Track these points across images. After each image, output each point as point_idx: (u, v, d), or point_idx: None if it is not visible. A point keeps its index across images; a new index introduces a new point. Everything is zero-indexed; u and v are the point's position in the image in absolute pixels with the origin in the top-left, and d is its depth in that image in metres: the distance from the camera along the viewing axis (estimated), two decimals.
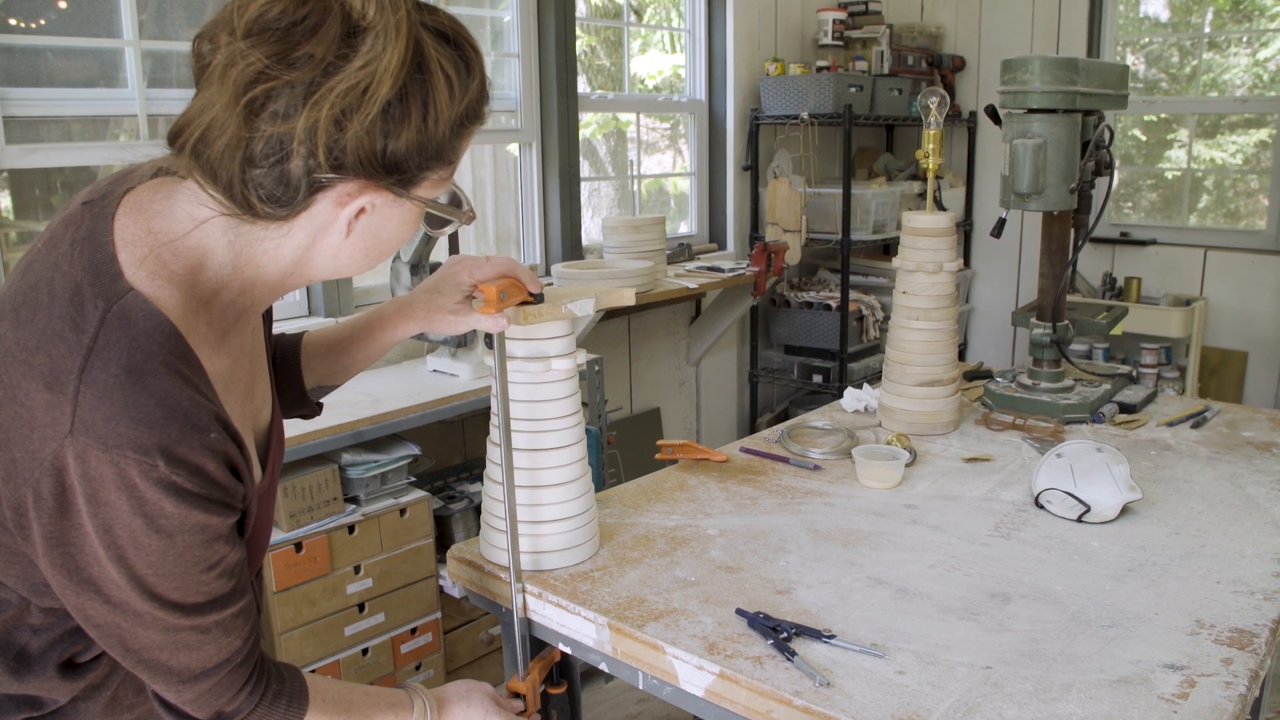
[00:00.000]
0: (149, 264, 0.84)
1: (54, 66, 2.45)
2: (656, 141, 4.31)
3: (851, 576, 1.43)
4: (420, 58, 0.82)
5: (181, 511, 0.81)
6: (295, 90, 0.78)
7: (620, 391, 3.94)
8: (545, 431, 1.38)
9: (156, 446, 0.78)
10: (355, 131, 0.80)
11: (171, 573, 0.83)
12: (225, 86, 0.79)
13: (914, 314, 2.02)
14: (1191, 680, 1.17)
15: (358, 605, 2.47)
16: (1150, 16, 4.53)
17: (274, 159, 0.80)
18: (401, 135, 0.82)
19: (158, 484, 0.79)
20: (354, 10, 0.80)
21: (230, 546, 0.88)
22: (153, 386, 0.79)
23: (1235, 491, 1.76)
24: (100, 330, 0.80)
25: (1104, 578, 1.43)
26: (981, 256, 4.85)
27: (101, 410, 0.78)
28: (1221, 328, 4.28)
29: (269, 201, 0.82)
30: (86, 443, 0.77)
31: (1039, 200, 2.04)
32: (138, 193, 0.89)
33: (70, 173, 2.54)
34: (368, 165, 0.82)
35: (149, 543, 0.81)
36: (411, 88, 0.82)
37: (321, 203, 0.85)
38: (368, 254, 0.92)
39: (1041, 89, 1.97)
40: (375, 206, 0.87)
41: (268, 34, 0.79)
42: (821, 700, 1.12)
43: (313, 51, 0.78)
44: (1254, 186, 4.34)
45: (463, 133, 0.88)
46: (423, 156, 0.85)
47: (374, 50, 0.79)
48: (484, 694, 1.24)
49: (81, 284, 0.82)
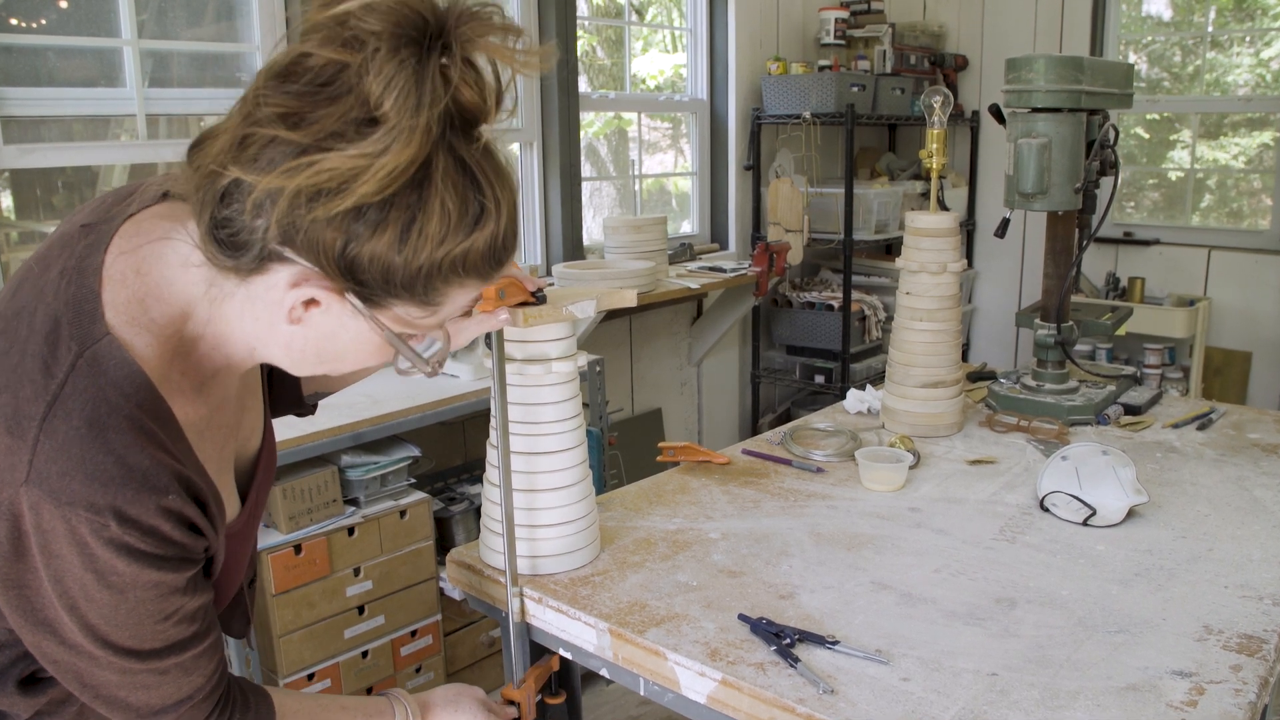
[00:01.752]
0: (131, 309, 0.81)
1: (54, 66, 2.43)
2: (658, 141, 4.30)
3: (855, 581, 1.41)
4: (424, 176, 0.75)
5: (134, 570, 0.79)
6: (283, 149, 0.74)
7: (621, 392, 3.92)
8: (545, 435, 1.36)
9: (109, 507, 0.76)
10: (318, 216, 0.74)
11: (125, 624, 0.81)
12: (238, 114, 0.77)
13: (917, 315, 2.01)
14: (1200, 687, 1.15)
15: (357, 608, 2.46)
16: (1153, 15, 4.51)
17: (240, 208, 0.76)
18: (368, 244, 0.76)
19: (108, 543, 0.77)
20: (372, 95, 0.73)
21: (188, 596, 0.85)
22: (112, 443, 0.77)
23: (1242, 494, 1.74)
24: (69, 377, 0.77)
25: (1110, 582, 1.42)
26: (984, 256, 4.83)
27: (58, 464, 0.76)
28: (1225, 328, 4.27)
29: (225, 245, 0.78)
30: (40, 495, 0.76)
31: (1044, 200, 2.03)
32: (137, 221, 0.85)
33: (71, 173, 2.53)
34: (323, 257, 0.76)
35: (100, 597, 0.79)
36: (399, 202, 0.75)
37: (277, 274, 0.79)
38: (320, 357, 0.86)
39: (1046, 88, 1.96)
40: (329, 307, 0.80)
41: (290, 83, 0.75)
42: (825, 708, 1.10)
43: (320, 120, 0.74)
44: (1256, 186, 4.32)
45: (451, 280, 0.80)
46: (387, 280, 0.78)
47: (376, 145, 0.73)
48: (473, 699, 1.22)
49: (60, 320, 0.80)
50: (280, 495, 2.27)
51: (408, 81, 0.73)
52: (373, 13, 0.74)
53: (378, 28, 0.73)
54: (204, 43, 2.67)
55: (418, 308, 0.82)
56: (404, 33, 0.74)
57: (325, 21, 0.75)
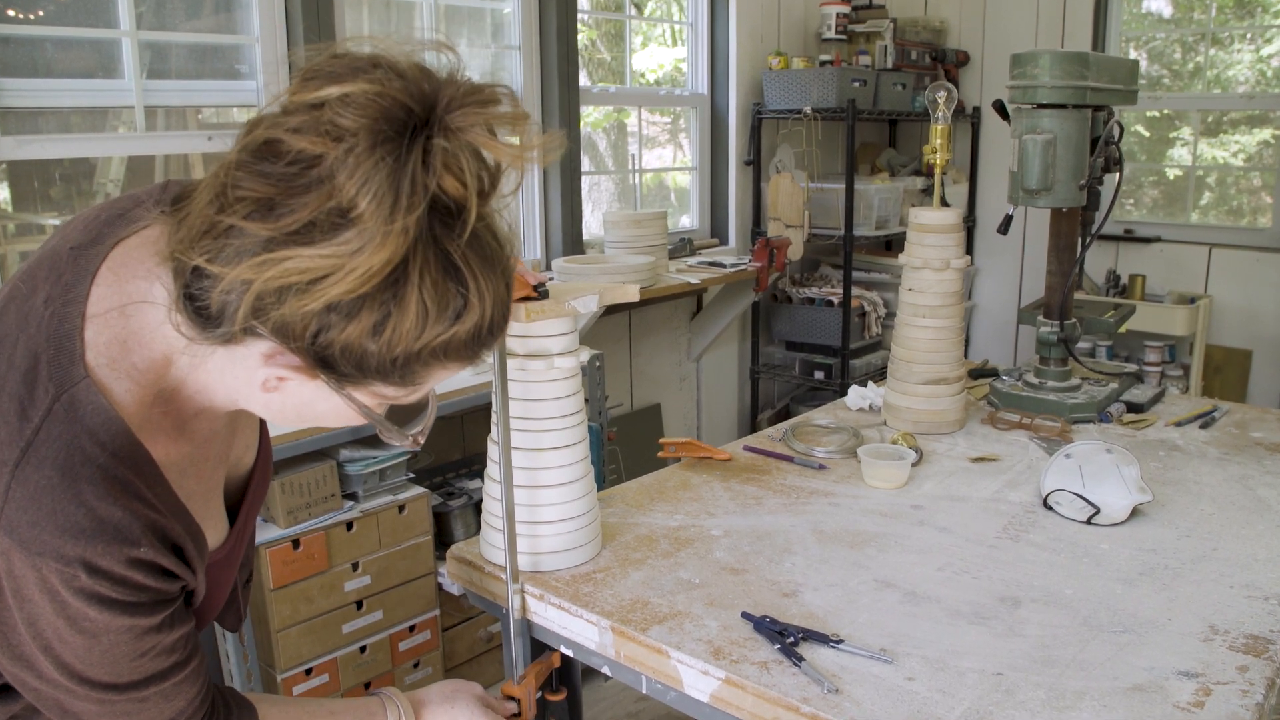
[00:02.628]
0: (112, 350, 0.80)
1: (51, 57, 2.41)
2: (656, 136, 4.28)
3: (858, 579, 1.40)
4: (400, 275, 0.71)
5: (105, 617, 0.78)
6: (252, 239, 0.70)
7: (621, 387, 3.91)
8: (547, 431, 1.35)
9: (79, 559, 0.75)
10: (289, 311, 0.71)
11: (100, 663, 0.81)
12: (210, 187, 0.73)
13: (920, 311, 2.00)
14: (1207, 688, 1.14)
15: (355, 603, 2.45)
16: (1153, 12, 4.50)
17: (211, 285, 0.73)
18: (340, 334, 0.73)
19: (78, 593, 0.76)
20: (345, 194, 0.69)
21: (164, 633, 0.84)
22: (84, 494, 0.75)
23: (1246, 494, 1.73)
24: (44, 422, 0.76)
25: (1115, 581, 1.41)
26: (984, 252, 4.82)
27: (28, 514, 0.74)
28: (1226, 326, 4.26)
29: (196, 316, 0.76)
30: (10, 544, 0.75)
31: (1048, 196, 2.01)
32: (127, 249, 0.83)
33: (69, 164, 2.51)
34: (293, 343, 0.74)
35: (74, 640, 0.79)
36: (374, 298, 0.71)
37: (251, 346, 0.77)
38: (301, 418, 0.85)
39: (1051, 84, 1.95)
40: (303, 381, 0.78)
41: (263, 166, 0.71)
42: (830, 707, 1.09)
43: (293, 209, 0.69)
44: (1257, 184, 4.31)
45: (431, 364, 0.77)
46: (361, 367, 0.75)
47: (348, 245, 0.69)
48: (470, 695, 1.20)
49: (40, 358, 0.78)
50: (279, 489, 2.26)
51: (383, 184, 0.69)
52: (350, 106, 0.70)
53: (354, 124, 0.69)
54: (203, 34, 2.65)
55: (395, 388, 0.80)
56: (382, 129, 0.70)
57: (303, 106, 0.71)
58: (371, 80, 0.71)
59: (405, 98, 0.71)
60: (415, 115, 0.71)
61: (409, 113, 0.71)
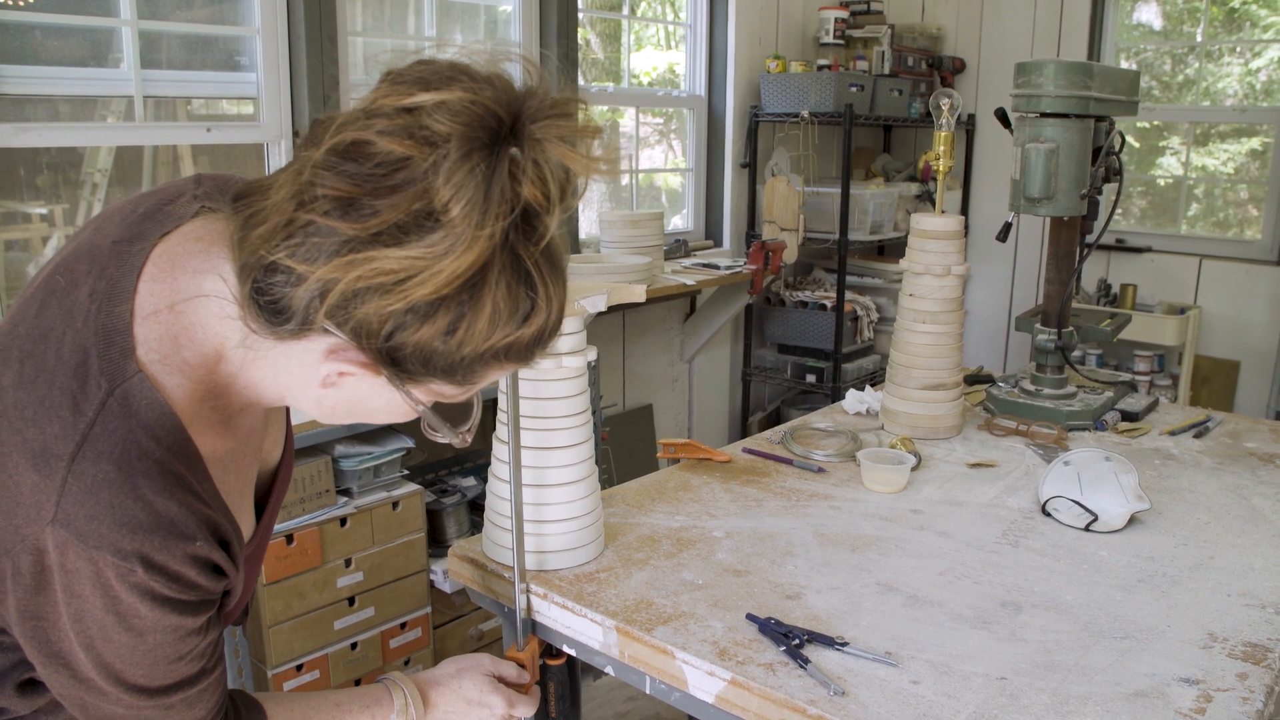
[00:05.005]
0: (164, 346, 0.79)
1: (44, 44, 2.40)
2: (648, 136, 4.28)
3: (861, 582, 1.41)
4: (479, 279, 0.72)
5: (156, 615, 0.79)
6: (335, 238, 0.71)
7: (613, 388, 3.91)
8: (554, 430, 1.35)
9: (136, 553, 0.75)
10: (369, 311, 0.73)
11: (140, 663, 0.81)
12: (289, 185, 0.73)
13: (920, 317, 2.00)
14: (1208, 695, 1.15)
15: (348, 599, 2.44)
16: (1144, 24, 4.53)
17: (285, 281, 0.74)
18: (414, 334, 0.74)
19: (134, 588, 0.76)
20: (438, 198, 0.70)
21: (202, 636, 0.85)
22: (141, 489, 0.75)
23: (1241, 503, 1.75)
24: (99, 416, 0.76)
25: (1114, 588, 1.42)
26: (976, 260, 4.84)
27: (85, 507, 0.74)
28: (1215, 336, 4.29)
29: (264, 310, 0.76)
30: (66, 537, 0.74)
31: (1050, 205, 2.03)
32: (172, 245, 0.82)
33: (56, 153, 2.49)
34: (366, 341, 0.75)
35: (119, 638, 0.79)
36: (451, 299, 0.73)
37: (314, 342, 0.78)
38: (351, 414, 0.85)
39: (1055, 93, 1.96)
40: (363, 377, 0.79)
41: (348, 166, 0.71)
42: (836, 710, 1.10)
43: (378, 209, 0.70)
44: (1244, 197, 4.35)
45: (490, 365, 0.79)
46: (427, 364, 0.76)
47: (436, 248, 0.70)
48: (479, 670, 1.19)
49: (90, 352, 0.78)
50: None
51: (476, 191, 0.70)
52: (446, 111, 0.71)
53: (450, 130, 0.70)
54: (203, 25, 2.64)
55: (453, 387, 0.81)
56: (475, 135, 0.71)
57: (395, 110, 0.71)
58: (465, 88, 0.71)
59: (496, 106, 0.72)
60: (504, 124, 0.72)
61: (499, 121, 0.72)
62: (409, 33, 3.26)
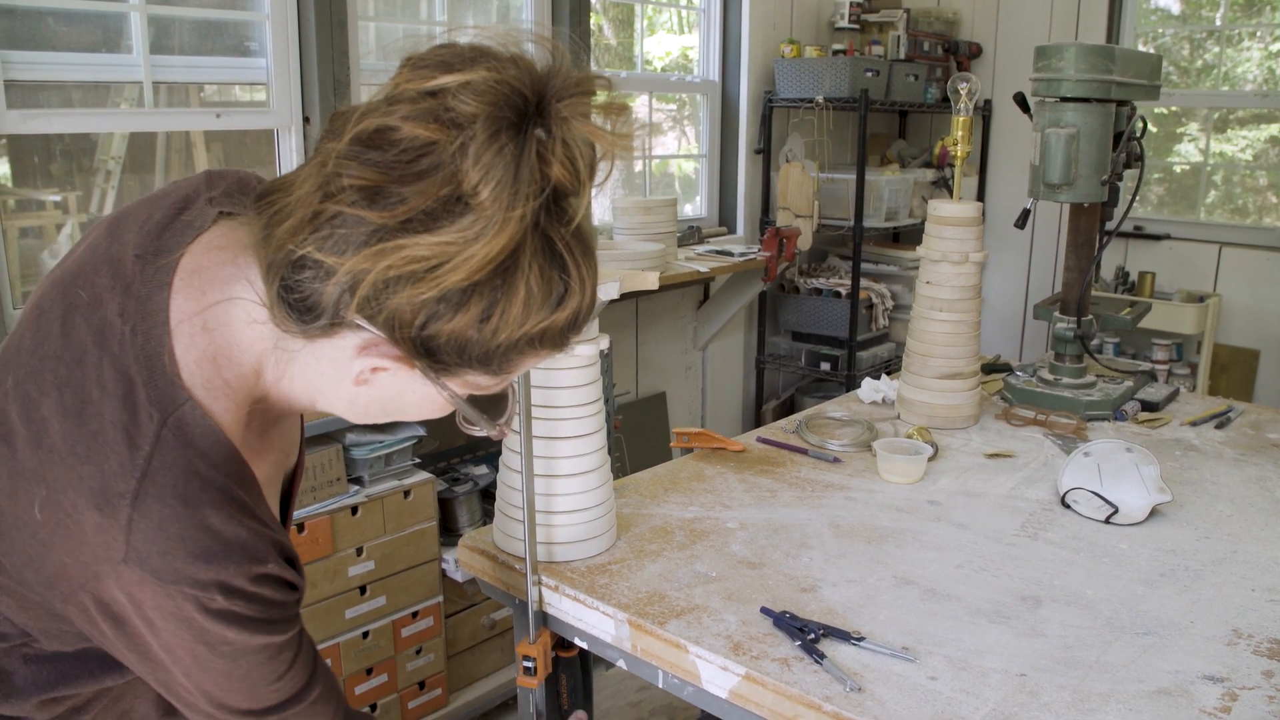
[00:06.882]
0: (205, 370, 0.78)
1: (56, 31, 2.38)
2: (661, 123, 4.24)
3: (877, 575, 1.39)
4: (512, 263, 0.71)
5: (243, 637, 0.79)
6: (363, 228, 0.69)
7: (626, 375, 3.89)
8: (566, 419, 1.33)
9: (214, 582, 0.75)
10: (401, 301, 0.71)
11: (239, 689, 0.82)
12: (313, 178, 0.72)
13: (937, 305, 1.98)
14: (1233, 693, 1.13)
15: (359, 588, 2.43)
16: (1162, 8, 4.46)
17: (314, 275, 0.72)
18: (448, 324, 0.72)
19: (217, 616, 0.76)
20: (466, 181, 0.68)
21: (295, 648, 0.85)
22: (209, 519, 0.75)
23: (1264, 495, 1.72)
24: (155, 449, 0.75)
25: (1136, 582, 1.39)
26: (992, 247, 4.79)
27: (157, 544, 0.74)
28: (1234, 325, 4.24)
29: (293, 308, 0.75)
30: (141, 575, 0.74)
31: (1070, 191, 1.99)
32: (196, 258, 0.80)
33: (70, 140, 2.48)
34: (399, 332, 0.74)
35: (215, 665, 0.79)
36: (484, 285, 0.71)
37: (345, 339, 0.77)
38: (384, 412, 0.85)
39: (1076, 77, 1.92)
40: (396, 372, 0.78)
41: (372, 154, 0.69)
42: (853, 706, 1.08)
43: (406, 196, 0.69)
44: (1263, 184, 4.29)
45: (525, 352, 0.77)
46: (462, 354, 0.75)
47: (466, 232, 0.68)
48: None
49: (135, 381, 0.76)
50: None
51: (505, 171, 0.69)
52: (471, 91, 0.69)
53: (476, 110, 0.69)
54: (213, 10, 2.62)
55: (488, 377, 0.79)
56: (503, 115, 0.69)
57: (417, 95, 0.70)
58: (489, 68, 0.70)
59: (521, 85, 0.70)
60: (529, 103, 0.71)
61: (525, 100, 0.70)
62: (420, 18, 3.23)
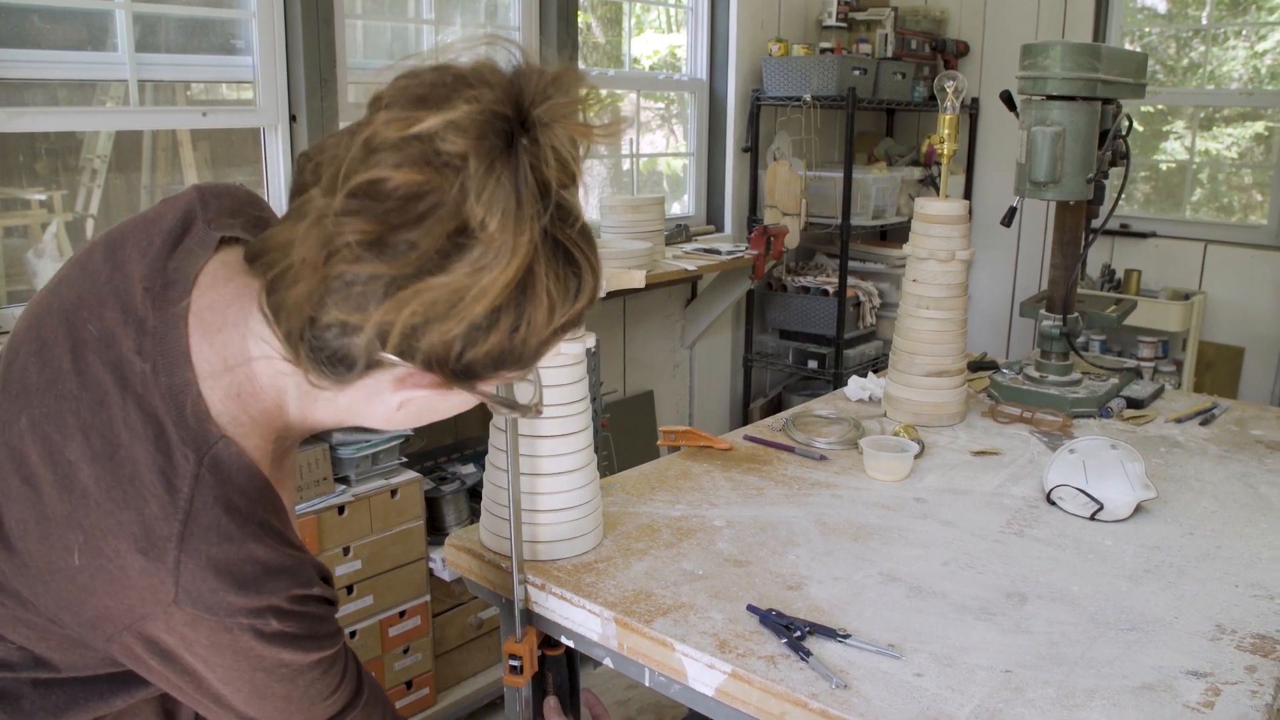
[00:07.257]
0: (230, 407, 0.79)
1: (41, 28, 2.36)
2: (648, 121, 4.25)
3: (863, 572, 1.39)
4: (529, 278, 0.72)
5: (299, 656, 0.81)
6: (379, 281, 0.70)
7: (614, 374, 3.89)
8: (552, 418, 1.33)
9: (267, 607, 0.77)
10: (434, 339, 0.72)
11: (299, 710, 0.84)
12: (312, 239, 0.71)
13: (924, 303, 1.98)
14: (1216, 688, 1.14)
15: (346, 587, 2.43)
16: (1149, 7, 4.49)
17: (340, 332, 0.73)
18: (482, 346, 0.74)
19: (273, 640, 0.78)
20: (472, 216, 0.69)
21: (345, 659, 0.88)
22: (254, 553, 0.77)
23: (1248, 491, 1.73)
24: (195, 490, 0.75)
25: (1120, 579, 1.40)
26: (978, 245, 4.80)
27: (207, 583, 0.75)
28: (1219, 322, 4.26)
29: (325, 364, 0.75)
30: (195, 613, 0.75)
31: (1055, 189, 2.00)
32: (206, 293, 0.81)
33: (55, 138, 2.47)
34: (437, 364, 0.75)
35: (274, 690, 0.81)
36: (508, 305, 0.72)
37: (379, 378, 0.78)
38: (420, 420, 0.86)
39: (1062, 75, 1.93)
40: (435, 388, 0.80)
41: (372, 205, 0.69)
42: (839, 703, 1.08)
43: (414, 241, 0.69)
44: (1248, 182, 4.31)
45: (552, 342, 0.79)
46: (498, 365, 0.77)
47: (480, 263, 0.69)
48: None
49: (164, 422, 0.76)
50: None
51: (508, 200, 0.69)
52: (456, 130, 0.69)
53: (465, 147, 0.69)
54: (199, 7, 2.60)
55: (518, 370, 0.81)
56: (490, 144, 0.70)
57: (400, 140, 0.70)
58: (468, 100, 0.70)
59: (500, 106, 0.71)
60: (512, 121, 0.71)
61: (508, 120, 0.71)
62: (408, 15, 3.22)
